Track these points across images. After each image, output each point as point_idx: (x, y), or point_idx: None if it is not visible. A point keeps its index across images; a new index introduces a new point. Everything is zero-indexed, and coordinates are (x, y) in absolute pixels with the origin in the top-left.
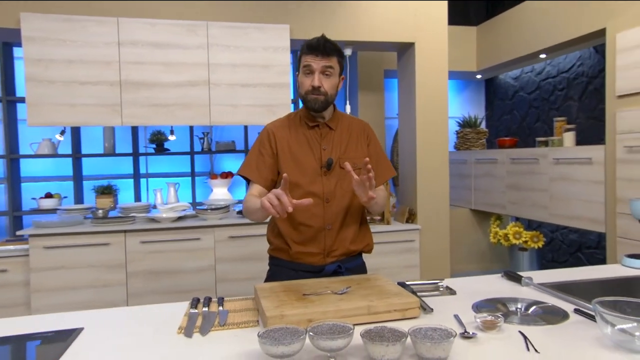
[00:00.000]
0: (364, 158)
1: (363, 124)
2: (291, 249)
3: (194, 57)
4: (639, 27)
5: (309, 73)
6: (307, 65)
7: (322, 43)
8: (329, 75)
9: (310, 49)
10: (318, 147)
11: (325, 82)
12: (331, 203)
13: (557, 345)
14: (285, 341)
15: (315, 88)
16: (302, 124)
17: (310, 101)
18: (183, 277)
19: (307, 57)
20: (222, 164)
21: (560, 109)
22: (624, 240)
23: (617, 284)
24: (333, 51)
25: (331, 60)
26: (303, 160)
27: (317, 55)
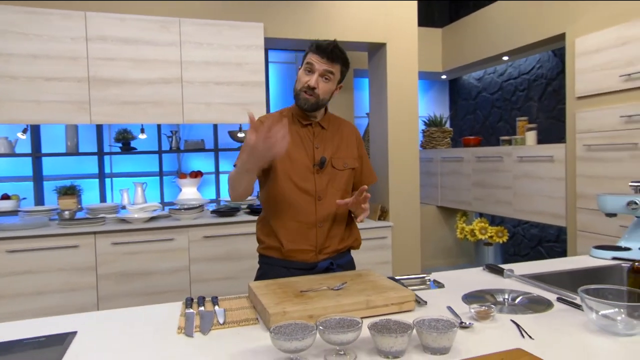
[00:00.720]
0: (354, 159)
1: (353, 127)
2: (284, 246)
3: (166, 54)
4: (596, 33)
5: (310, 71)
6: (309, 63)
7: (331, 48)
8: (327, 80)
9: (318, 49)
10: (311, 146)
11: (322, 85)
12: (323, 201)
13: (547, 331)
14: (298, 336)
15: (311, 88)
16: (295, 122)
17: (301, 99)
18: (156, 279)
19: (313, 56)
20: (190, 163)
21: (521, 109)
22: (583, 233)
23: (589, 273)
24: (339, 58)
25: (334, 67)
26: (296, 157)
27: (322, 57)
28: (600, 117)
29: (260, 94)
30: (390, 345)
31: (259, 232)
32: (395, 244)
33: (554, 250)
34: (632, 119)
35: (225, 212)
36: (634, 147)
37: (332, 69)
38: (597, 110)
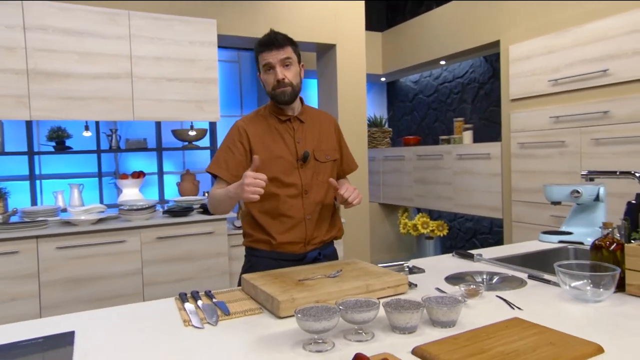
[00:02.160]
0: (335, 151)
1: (331, 118)
2: (275, 239)
3: (115, 47)
4: (527, 41)
5: (270, 69)
6: (266, 63)
7: (273, 37)
8: (288, 65)
9: (264, 45)
10: (292, 141)
11: (288, 72)
12: (309, 194)
13: (530, 303)
14: (325, 316)
15: (280, 81)
16: (273, 118)
17: (278, 95)
18: (106, 283)
19: (264, 54)
20: (129, 164)
21: (455, 110)
22: (517, 223)
23: (542, 254)
24: (286, 41)
25: (287, 51)
26: (278, 154)
27: (272, 50)
28: (532, 118)
29: (214, 92)
30: (406, 321)
31: (245, 226)
32: (346, 239)
33: (487, 242)
34: (560, 119)
35: (178, 212)
36: (562, 145)
37: (286, 54)
38: (529, 112)
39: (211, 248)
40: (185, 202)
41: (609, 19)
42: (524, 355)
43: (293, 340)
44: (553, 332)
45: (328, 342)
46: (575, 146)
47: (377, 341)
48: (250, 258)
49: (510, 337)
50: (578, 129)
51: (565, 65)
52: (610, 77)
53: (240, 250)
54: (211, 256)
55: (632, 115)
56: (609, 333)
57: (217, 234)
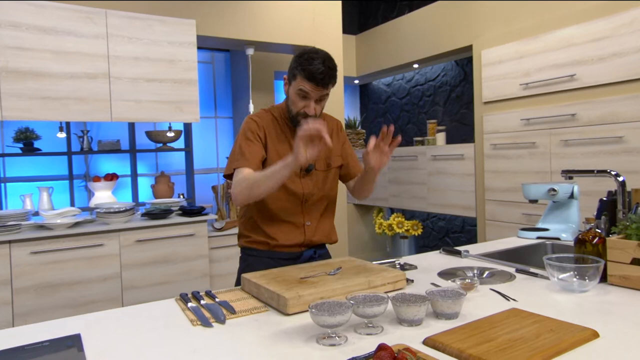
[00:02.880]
0: (338, 157)
1: (337, 122)
2: (274, 240)
3: (92, 47)
4: (499, 47)
5: (305, 98)
6: (304, 92)
7: (326, 73)
8: (323, 100)
9: (313, 77)
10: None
11: (319, 107)
12: (310, 202)
13: (523, 295)
14: (339, 311)
15: (309, 116)
16: (284, 124)
17: (299, 123)
18: (84, 288)
19: (306, 83)
20: (100, 166)
21: (428, 112)
22: (491, 222)
23: (522, 250)
24: (333, 80)
25: (328, 88)
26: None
27: (317, 85)
28: (504, 120)
29: (194, 93)
30: (414, 314)
31: (242, 228)
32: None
33: (459, 240)
34: (530, 121)
35: (157, 214)
36: (532, 146)
37: (327, 91)
38: (501, 114)
39: (192, 250)
40: (163, 205)
41: (575, 27)
42: (530, 342)
43: (305, 335)
44: (550, 320)
45: (341, 336)
46: (545, 147)
47: (387, 334)
48: (246, 258)
49: (513, 325)
50: (548, 131)
51: (536, 69)
52: (577, 81)
53: (221, 252)
54: (192, 259)
55: (598, 118)
56: (599, 319)
57: (198, 236)
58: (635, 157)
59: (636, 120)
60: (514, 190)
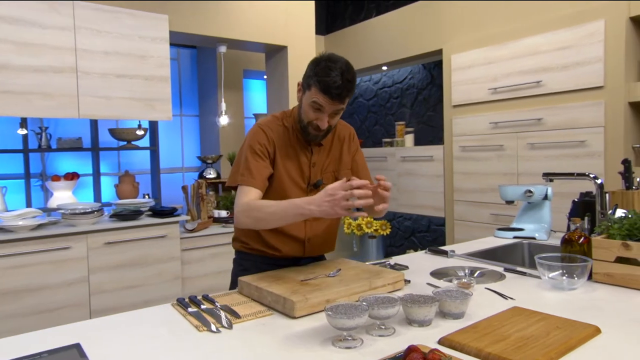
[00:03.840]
0: (347, 169)
1: (349, 130)
2: (275, 251)
3: (58, 39)
4: (468, 52)
5: (318, 110)
6: (319, 104)
7: (343, 87)
8: (337, 113)
9: (329, 90)
10: (307, 163)
11: (333, 121)
12: (313, 220)
13: (517, 293)
14: (356, 313)
15: (322, 129)
16: (294, 135)
17: (311, 134)
18: (48, 294)
19: (321, 97)
20: (58, 164)
21: (395, 114)
22: (459, 222)
23: (501, 249)
24: (349, 93)
25: (344, 102)
26: (292, 174)
27: (333, 100)
28: (472, 123)
29: (166, 90)
30: (425, 315)
31: (239, 233)
32: None
33: (425, 240)
34: (498, 125)
35: (127, 215)
36: (500, 149)
37: (342, 105)
38: (470, 117)
39: (163, 253)
40: (133, 205)
41: (541, 36)
42: (542, 339)
43: (319, 338)
44: (553, 317)
45: (356, 338)
46: (512, 150)
47: (400, 335)
48: (241, 262)
49: (520, 324)
50: (515, 134)
51: (503, 75)
52: (543, 87)
53: (193, 254)
54: (163, 261)
55: (562, 122)
56: (596, 316)
57: (170, 238)
58: (596, 160)
59: (597, 125)
60: (482, 191)
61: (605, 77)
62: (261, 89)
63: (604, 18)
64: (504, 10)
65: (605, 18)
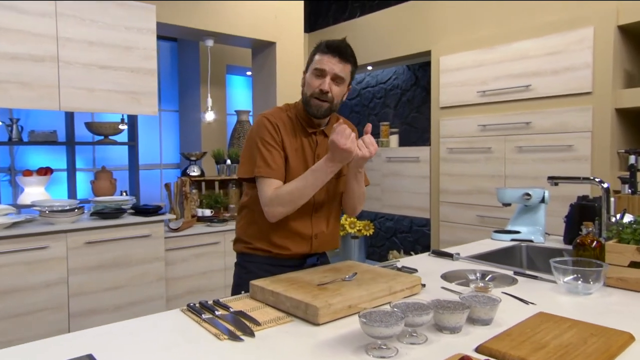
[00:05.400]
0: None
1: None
2: (281, 249)
3: (38, 26)
4: (457, 54)
5: (320, 75)
6: (319, 68)
7: (344, 46)
8: (339, 83)
9: (329, 48)
10: (312, 155)
11: (335, 89)
12: (319, 213)
13: (535, 297)
14: (392, 321)
15: (324, 92)
16: (298, 127)
17: (314, 107)
18: (24, 296)
19: (324, 56)
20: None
21: (378, 115)
22: (444, 223)
23: (501, 251)
24: (351, 58)
25: (345, 69)
26: (297, 166)
27: (334, 57)
28: (460, 125)
29: (152, 83)
30: (457, 321)
31: (242, 233)
32: None
33: (407, 240)
34: (487, 127)
35: (109, 213)
36: (488, 151)
37: (344, 70)
38: (458, 119)
39: (147, 252)
40: (113, 203)
41: (530, 41)
42: (581, 348)
43: (350, 347)
44: (583, 323)
45: (390, 347)
46: (500, 152)
47: (433, 342)
48: (245, 265)
49: (553, 331)
50: (503, 137)
51: (493, 78)
52: (532, 92)
53: (177, 254)
54: (146, 261)
55: (551, 127)
56: (620, 321)
57: (154, 237)
58: (583, 164)
59: (585, 130)
60: (469, 193)
61: (593, 83)
62: (243, 86)
63: (593, 25)
64: (494, 14)
65: (594, 25)
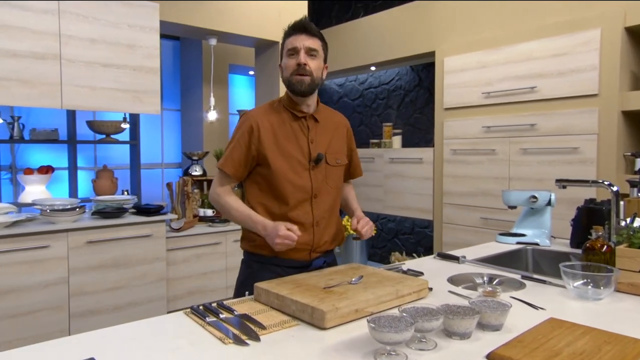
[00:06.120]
0: (344, 155)
1: (345, 120)
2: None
3: (39, 23)
4: (462, 55)
5: (293, 54)
6: (291, 48)
7: (306, 22)
8: (314, 56)
9: (294, 29)
10: (305, 140)
11: (311, 62)
12: (319, 199)
13: (544, 302)
14: (403, 327)
15: (301, 66)
16: (287, 113)
17: (296, 83)
18: (23, 296)
19: (291, 37)
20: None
21: (381, 115)
22: (448, 225)
23: (507, 254)
24: (317, 33)
25: (315, 42)
26: (290, 152)
27: (301, 33)
28: (464, 126)
29: (155, 82)
30: (466, 327)
31: (246, 230)
32: None
33: (409, 242)
34: (491, 129)
35: (110, 213)
36: (492, 153)
37: (314, 44)
38: (462, 120)
39: (148, 252)
40: (115, 202)
41: (536, 42)
42: (596, 356)
43: (358, 352)
44: (596, 330)
45: (400, 353)
46: (505, 154)
47: (443, 349)
48: (250, 264)
49: (566, 337)
50: (507, 139)
51: (497, 80)
52: (537, 93)
53: (178, 254)
54: (148, 261)
55: (556, 128)
56: (633, 328)
57: (155, 237)
58: (589, 167)
59: (590, 132)
60: (472, 195)
61: (599, 85)
62: (245, 85)
63: (600, 27)
64: (499, 15)
65: (601, 27)
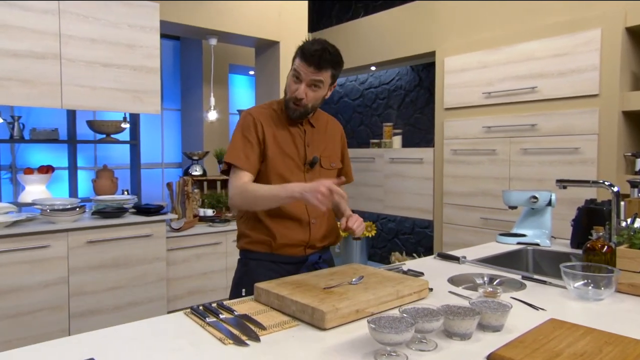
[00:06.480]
0: (338, 160)
1: (339, 125)
2: (276, 240)
3: (39, 23)
4: (462, 55)
5: (297, 79)
6: (297, 72)
7: (319, 56)
8: (317, 87)
9: (304, 57)
10: (302, 143)
11: (311, 94)
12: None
13: (544, 303)
14: (403, 328)
15: (298, 99)
16: (286, 118)
17: (290, 109)
18: (23, 296)
19: (299, 63)
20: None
21: (381, 115)
22: (448, 225)
23: (507, 255)
24: (328, 64)
25: (322, 75)
26: (288, 154)
27: (309, 66)
28: (465, 126)
29: (155, 82)
30: (467, 328)
31: (243, 227)
32: None
33: (409, 242)
34: (491, 129)
35: (110, 212)
36: (492, 153)
37: (321, 77)
38: (463, 120)
39: (148, 252)
40: (115, 202)
41: (536, 42)
42: (597, 356)
43: (358, 353)
44: (597, 331)
45: (400, 354)
46: (505, 154)
47: (443, 349)
48: (246, 262)
49: (566, 338)
50: (508, 139)
51: (498, 80)
52: (538, 93)
53: (178, 254)
54: (148, 261)
55: (557, 129)
56: (633, 329)
57: (156, 237)
58: (589, 167)
59: (591, 133)
60: (473, 195)
61: (600, 85)
62: (245, 85)
63: (600, 27)
64: (500, 15)
65: (601, 27)
